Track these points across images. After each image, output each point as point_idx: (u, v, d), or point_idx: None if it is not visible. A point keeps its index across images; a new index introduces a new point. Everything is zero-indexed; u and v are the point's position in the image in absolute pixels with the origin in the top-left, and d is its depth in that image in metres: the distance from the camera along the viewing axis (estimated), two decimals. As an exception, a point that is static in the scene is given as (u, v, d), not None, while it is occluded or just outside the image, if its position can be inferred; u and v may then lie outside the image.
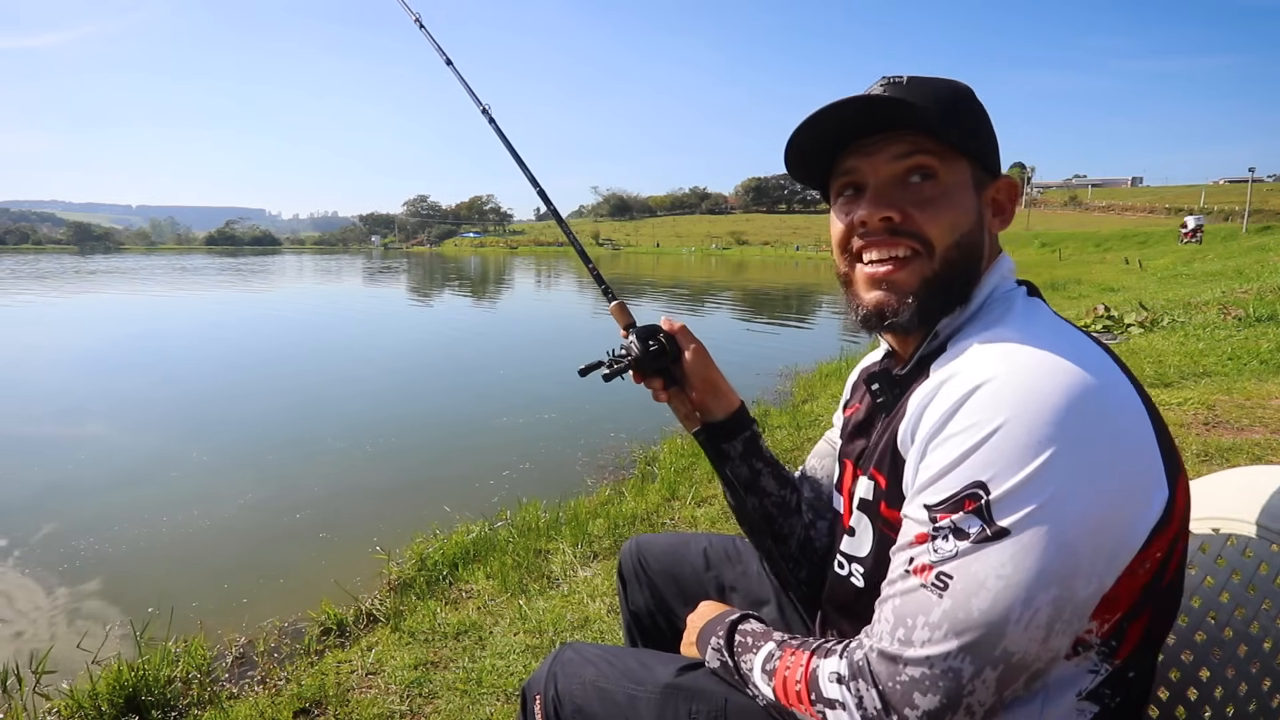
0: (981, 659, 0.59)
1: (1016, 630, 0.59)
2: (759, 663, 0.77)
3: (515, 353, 10.35)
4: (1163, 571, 0.65)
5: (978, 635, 0.59)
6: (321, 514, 3.97)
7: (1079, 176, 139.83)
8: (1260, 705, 0.84)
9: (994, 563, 0.59)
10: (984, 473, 0.60)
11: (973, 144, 0.74)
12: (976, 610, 0.59)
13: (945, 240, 0.73)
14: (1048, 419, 0.59)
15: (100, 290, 23.30)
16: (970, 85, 0.76)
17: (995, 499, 0.59)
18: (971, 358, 0.66)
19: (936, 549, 0.61)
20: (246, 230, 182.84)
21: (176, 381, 8.08)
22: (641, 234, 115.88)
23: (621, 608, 1.22)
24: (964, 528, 0.60)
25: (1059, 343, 0.65)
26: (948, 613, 0.60)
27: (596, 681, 0.90)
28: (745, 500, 1.02)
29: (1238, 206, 51.17)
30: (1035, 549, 0.58)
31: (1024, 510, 0.58)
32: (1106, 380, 0.62)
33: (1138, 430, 0.63)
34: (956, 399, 0.63)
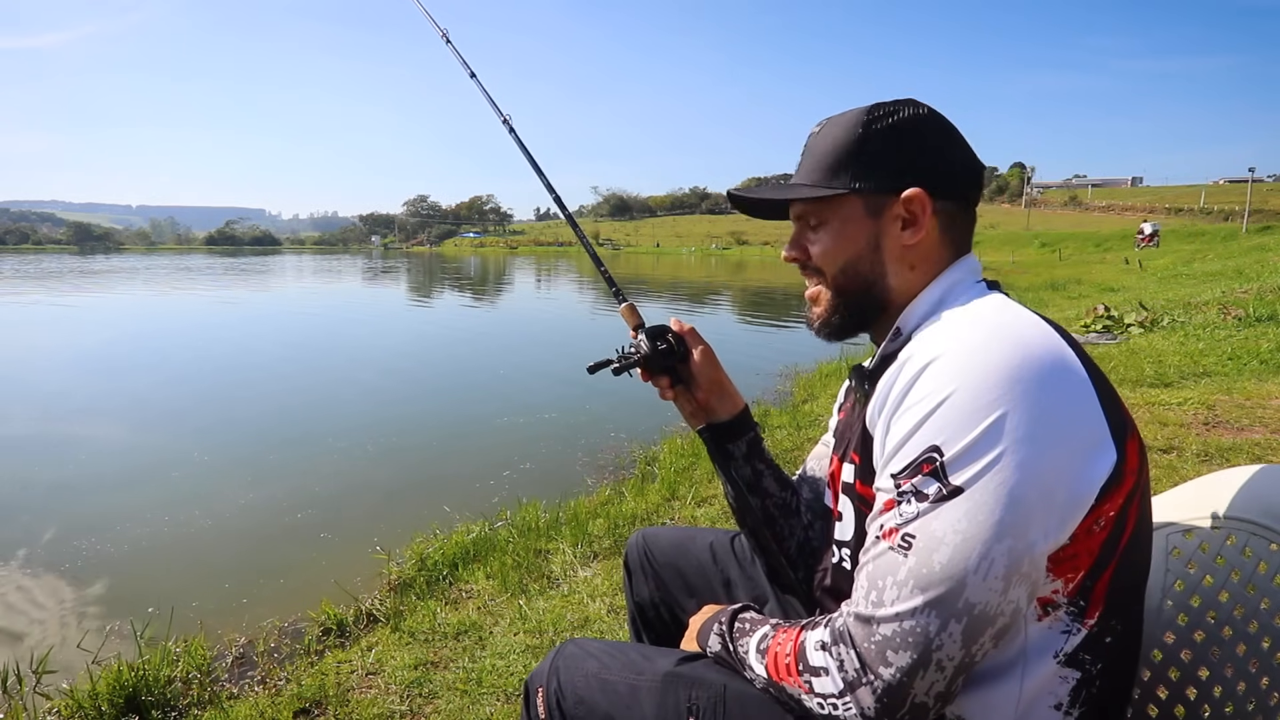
0: (946, 613, 0.62)
1: (975, 581, 0.62)
2: (754, 643, 0.81)
3: (515, 353, 10.35)
4: (1120, 528, 0.68)
5: (940, 590, 0.62)
6: (322, 514, 3.97)
7: (1079, 176, 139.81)
8: (1259, 704, 0.84)
9: (950, 519, 0.63)
10: (938, 437, 0.64)
11: (862, 182, 0.82)
12: (937, 565, 0.63)
13: (832, 270, 0.85)
14: (993, 383, 0.64)
15: (104, 291, 23.31)
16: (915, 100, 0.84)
17: (949, 459, 0.64)
18: (925, 340, 0.72)
19: (901, 513, 0.66)
20: (246, 230, 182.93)
21: (178, 381, 8.08)
22: (641, 234, 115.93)
23: (626, 599, 1.24)
24: (923, 489, 0.64)
25: (1002, 318, 0.71)
26: (912, 570, 0.64)
27: (599, 673, 0.91)
28: (748, 500, 1.04)
29: (1238, 206, 51.15)
30: (987, 503, 0.62)
31: (975, 468, 0.63)
32: (1047, 348, 0.68)
33: (1079, 393, 0.67)
34: (912, 375, 0.69)
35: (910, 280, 0.83)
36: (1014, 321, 0.70)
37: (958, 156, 0.83)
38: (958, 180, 0.82)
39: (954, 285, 0.81)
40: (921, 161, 0.81)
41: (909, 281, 0.83)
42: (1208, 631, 0.89)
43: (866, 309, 0.85)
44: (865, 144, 0.82)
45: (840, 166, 0.83)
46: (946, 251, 0.83)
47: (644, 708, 0.86)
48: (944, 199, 0.81)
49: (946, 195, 0.81)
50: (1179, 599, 0.92)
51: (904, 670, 0.63)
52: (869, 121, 0.82)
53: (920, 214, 0.80)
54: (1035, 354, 0.66)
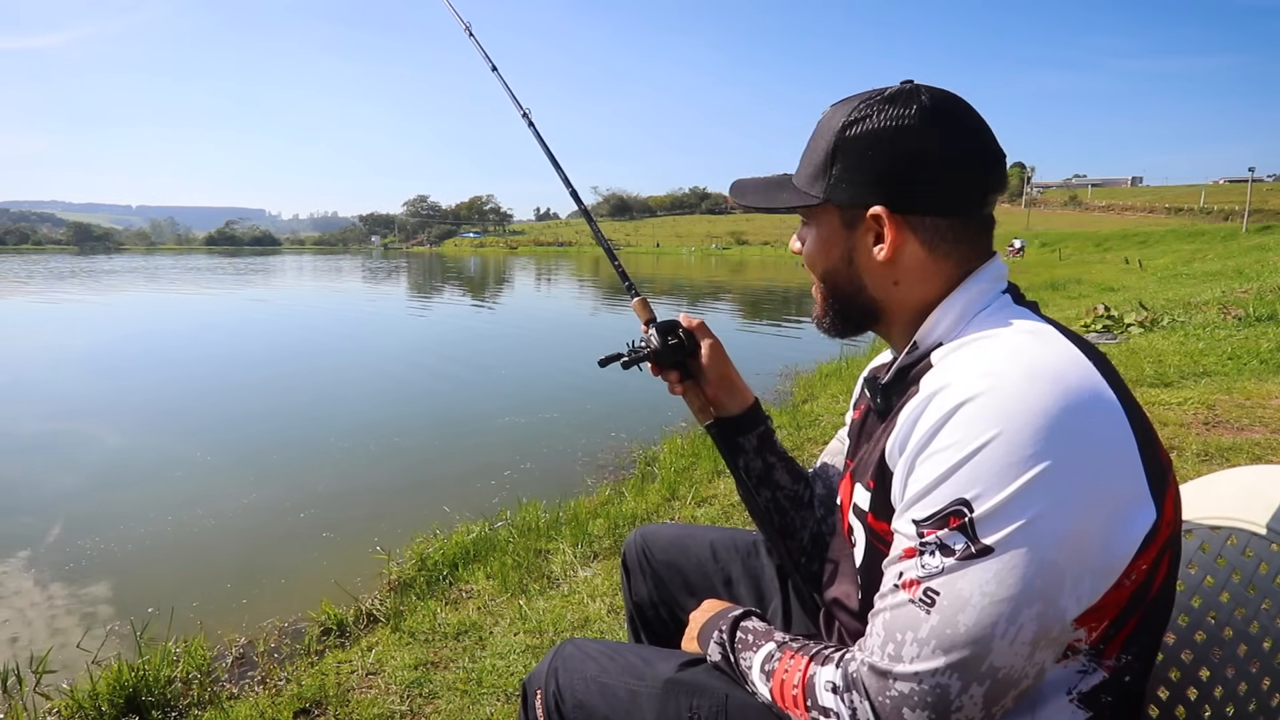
0: (968, 675, 0.60)
1: (1002, 646, 0.60)
2: (758, 661, 0.79)
3: (516, 353, 10.35)
4: (1150, 581, 0.66)
5: (965, 652, 0.60)
6: (322, 514, 3.97)
7: (1079, 176, 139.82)
8: (1260, 705, 0.84)
9: (979, 580, 0.60)
10: (968, 490, 0.61)
11: (834, 194, 0.79)
12: (963, 627, 0.60)
13: (817, 274, 0.85)
14: (1031, 436, 0.60)
15: (108, 291, 23.30)
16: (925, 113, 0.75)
17: (979, 516, 0.60)
18: (957, 372, 0.67)
19: (924, 565, 0.63)
20: (246, 230, 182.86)
21: (181, 381, 8.08)
22: (641, 234, 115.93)
23: (624, 598, 1.22)
24: (949, 544, 0.61)
25: (1044, 356, 0.65)
26: (935, 629, 0.61)
27: (598, 677, 0.90)
28: (758, 494, 1.04)
29: (1238, 206, 51.13)
30: (1019, 567, 0.59)
31: (1008, 528, 0.59)
32: (1090, 395, 0.63)
33: (1121, 446, 0.63)
34: (943, 414, 0.64)
35: (899, 295, 0.79)
36: (1054, 358, 0.65)
37: (942, 169, 0.74)
38: (937, 195, 0.75)
39: (975, 299, 0.75)
40: (893, 176, 0.75)
41: (897, 296, 0.79)
42: (1209, 632, 0.89)
43: (855, 314, 0.83)
44: (838, 152, 0.78)
45: (819, 172, 0.80)
46: (942, 264, 0.77)
47: (644, 715, 0.85)
48: (921, 214, 0.75)
49: (925, 211, 0.75)
50: (1180, 600, 0.92)
51: None
52: (848, 125, 0.77)
53: (885, 232, 0.76)
54: (1077, 400, 0.62)
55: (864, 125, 0.76)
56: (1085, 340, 0.71)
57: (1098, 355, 0.68)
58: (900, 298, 0.79)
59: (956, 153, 0.75)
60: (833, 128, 0.79)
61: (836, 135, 0.78)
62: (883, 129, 0.75)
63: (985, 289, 0.76)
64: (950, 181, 0.75)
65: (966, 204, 0.76)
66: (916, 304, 0.78)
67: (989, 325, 0.72)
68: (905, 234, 0.76)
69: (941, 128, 0.75)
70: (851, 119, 0.77)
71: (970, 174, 0.76)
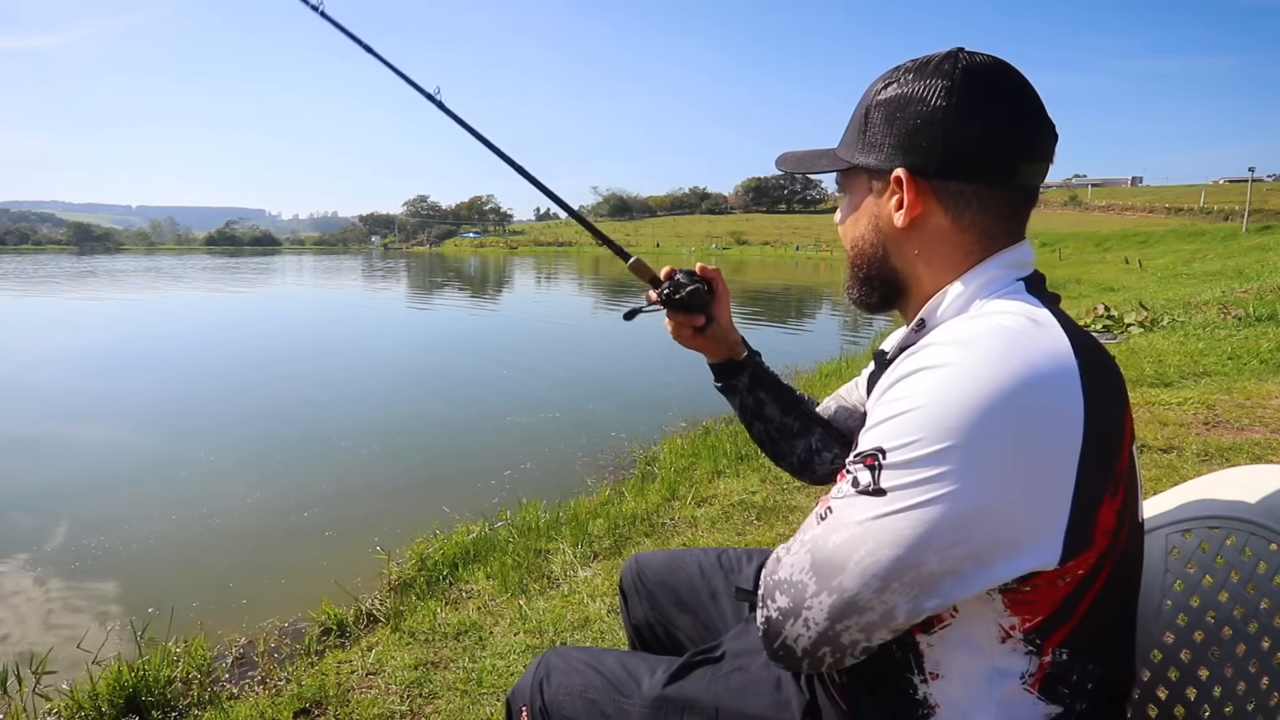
0: (821, 582, 0.68)
1: (853, 570, 0.66)
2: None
3: (516, 353, 10.35)
4: (1085, 587, 0.66)
5: (823, 560, 0.68)
6: (323, 514, 3.98)
7: (1079, 176, 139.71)
8: (1259, 704, 0.84)
9: (860, 510, 0.66)
10: (889, 440, 0.65)
11: (864, 156, 0.79)
12: (831, 542, 0.67)
13: (848, 241, 0.85)
14: (968, 412, 0.61)
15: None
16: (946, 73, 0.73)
17: (887, 463, 0.65)
18: (936, 341, 0.69)
19: (838, 489, 0.69)
20: (246, 231, 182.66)
21: (183, 381, 8.08)
22: (642, 234, 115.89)
23: (624, 623, 1.26)
24: (858, 478, 0.67)
25: (1024, 344, 0.64)
26: (815, 537, 0.69)
27: (585, 692, 0.91)
28: (751, 426, 1.15)
29: (1238, 206, 51.11)
30: (897, 513, 0.64)
31: (902, 481, 0.64)
32: (1051, 395, 0.62)
33: (1058, 454, 0.62)
34: (903, 373, 0.68)
35: (920, 269, 0.77)
36: (1033, 350, 0.63)
37: (973, 133, 0.71)
38: (966, 160, 0.71)
39: (987, 284, 0.73)
40: (915, 137, 0.73)
41: (917, 269, 0.78)
42: (1207, 631, 0.89)
43: (879, 284, 0.82)
44: (870, 116, 0.77)
45: (855, 138, 0.80)
46: (967, 236, 0.74)
47: None
48: (946, 180, 0.72)
49: (948, 174, 0.72)
50: (1179, 599, 0.92)
51: (780, 611, 0.71)
52: (878, 93, 0.77)
53: (906, 196, 0.74)
54: (1033, 396, 0.61)
55: (895, 88, 0.75)
56: (1092, 342, 0.68)
57: (1096, 359, 0.66)
58: (920, 272, 0.78)
59: (984, 114, 0.71)
60: (870, 93, 0.79)
61: (871, 100, 0.78)
62: (911, 91, 0.74)
63: (999, 275, 0.74)
64: (976, 144, 0.71)
65: (994, 170, 0.72)
66: (936, 280, 0.77)
67: (991, 304, 0.72)
68: (927, 199, 0.74)
69: (972, 89, 0.71)
70: (886, 83, 0.77)
71: (999, 137, 0.71)
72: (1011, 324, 0.66)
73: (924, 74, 0.73)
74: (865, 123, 0.78)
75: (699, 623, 1.15)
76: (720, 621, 1.13)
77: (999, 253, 0.74)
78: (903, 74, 0.75)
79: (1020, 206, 0.75)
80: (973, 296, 0.74)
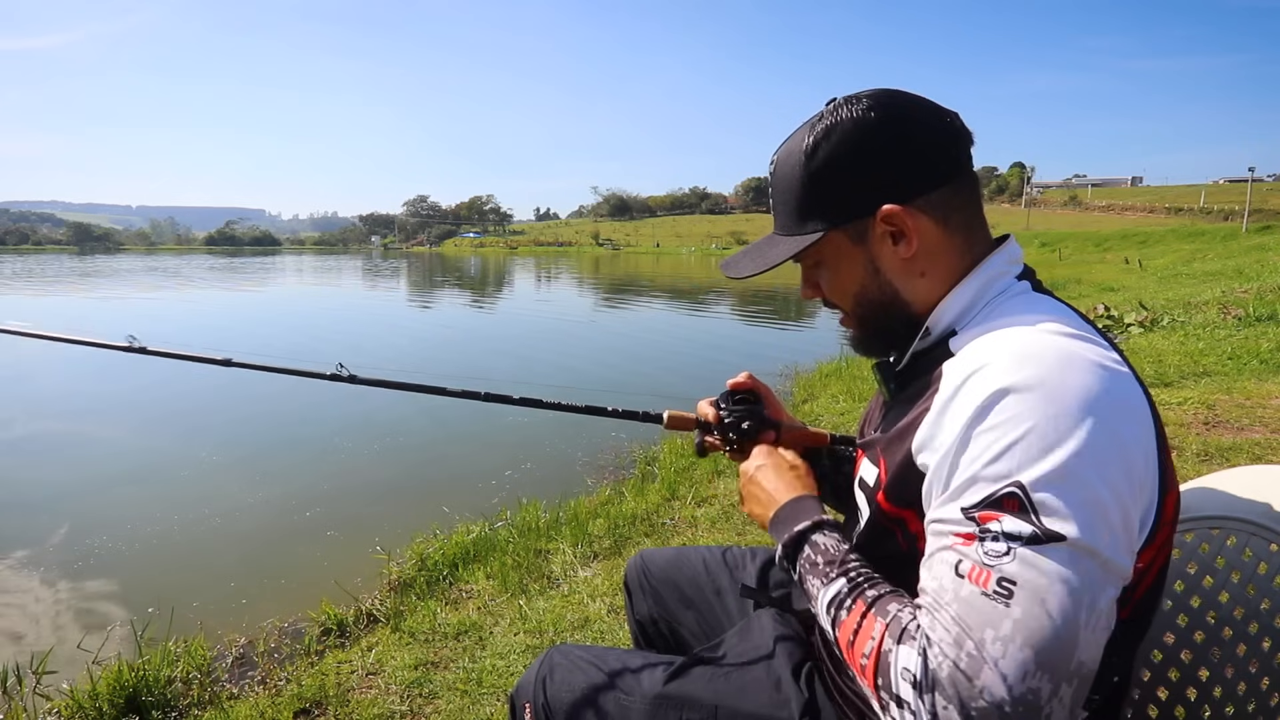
0: (1058, 675, 0.56)
1: (1086, 637, 0.57)
2: (825, 599, 0.73)
3: (517, 353, 10.34)
4: (1141, 580, 0.66)
5: (1053, 649, 0.56)
6: (323, 514, 3.98)
7: (1079, 176, 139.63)
8: (1259, 704, 0.84)
9: (1056, 568, 0.57)
10: (1020, 473, 0.59)
11: (833, 219, 0.78)
12: (1049, 619, 0.56)
13: (847, 304, 0.83)
14: (1077, 420, 0.59)
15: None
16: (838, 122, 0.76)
17: (1039, 501, 0.58)
18: (990, 359, 0.65)
19: (988, 551, 0.59)
20: (246, 231, 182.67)
21: (184, 380, 8.07)
22: (641, 234, 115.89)
23: (629, 619, 1.27)
24: (1014, 530, 0.59)
25: (1076, 342, 0.65)
26: (1019, 623, 0.57)
27: (585, 689, 0.92)
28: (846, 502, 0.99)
29: (1238, 206, 51.10)
30: (1090, 552, 0.57)
31: (1070, 512, 0.58)
32: (1125, 383, 0.64)
33: (1148, 439, 0.63)
34: (982, 401, 0.63)
35: (927, 287, 0.78)
36: (1086, 345, 0.65)
37: (920, 142, 0.75)
38: (930, 168, 0.75)
39: (989, 284, 0.75)
40: (882, 174, 0.75)
41: (925, 289, 0.78)
42: (1208, 632, 0.89)
43: (894, 327, 0.81)
44: (818, 182, 0.77)
45: (806, 210, 0.79)
46: (956, 239, 0.77)
47: None
48: (923, 195, 0.75)
49: (924, 190, 0.75)
50: (1179, 599, 0.92)
51: None
52: (811, 156, 0.77)
53: (902, 227, 0.75)
54: (1114, 386, 0.62)
55: (828, 144, 0.76)
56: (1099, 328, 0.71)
57: (1115, 345, 0.69)
58: (927, 289, 0.78)
59: (919, 119, 0.76)
60: (795, 164, 0.79)
61: (803, 167, 0.78)
62: (844, 136, 0.75)
63: (998, 274, 0.76)
64: (930, 148, 0.75)
65: (951, 164, 0.76)
66: (936, 290, 0.77)
67: (1013, 311, 0.72)
68: (919, 218, 0.75)
69: (893, 106, 0.75)
70: (809, 148, 0.77)
71: (939, 132, 0.76)
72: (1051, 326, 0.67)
73: (841, 116, 0.76)
74: (811, 188, 0.78)
75: (702, 619, 1.15)
76: (724, 618, 1.13)
77: (989, 257, 0.77)
78: (819, 130, 0.77)
79: (978, 190, 0.79)
80: (977, 299, 0.75)
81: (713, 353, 10.08)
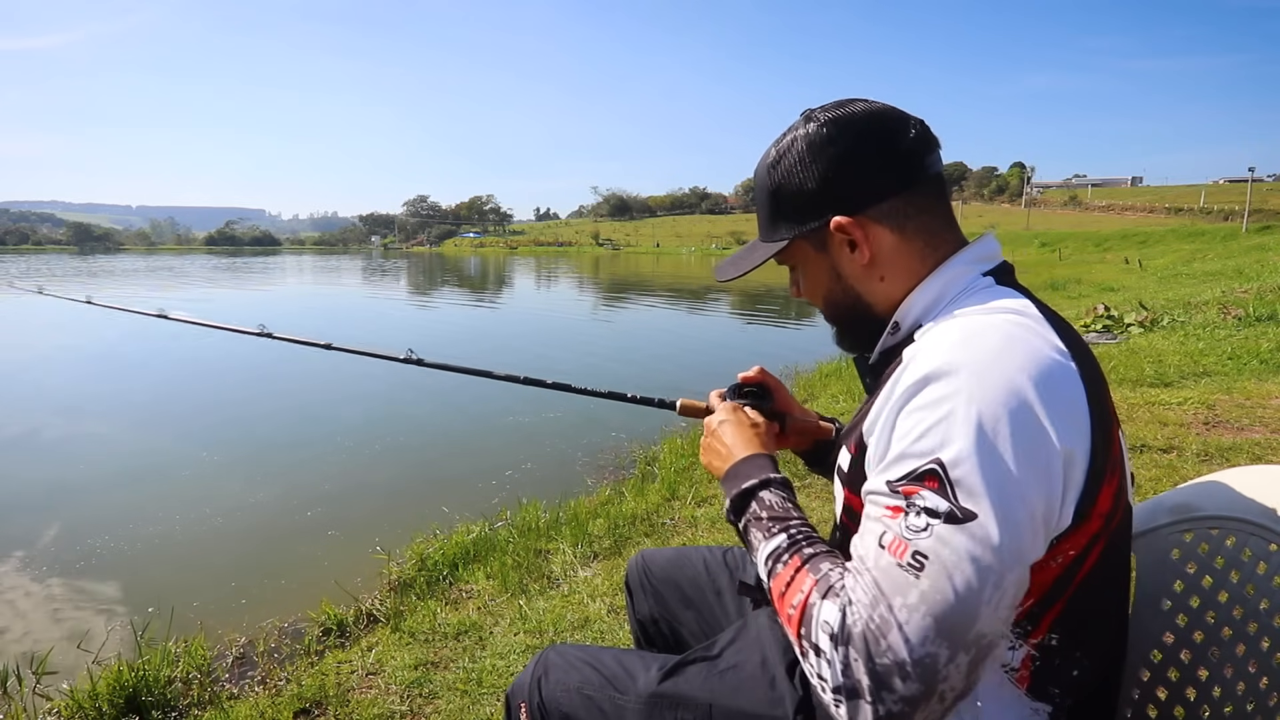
0: (956, 644, 0.60)
1: (988, 612, 0.61)
2: (765, 552, 0.77)
3: (517, 353, 10.35)
4: (1076, 567, 0.68)
5: (954, 620, 0.60)
6: (323, 514, 3.98)
7: (1079, 176, 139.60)
8: (1258, 705, 0.84)
9: (965, 544, 0.61)
10: (941, 450, 0.62)
11: (795, 227, 0.82)
12: (952, 593, 0.60)
13: (818, 304, 0.89)
14: (1002, 404, 0.62)
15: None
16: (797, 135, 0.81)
17: (956, 478, 0.62)
18: (933, 344, 0.69)
19: (909, 525, 0.63)
20: (246, 230, 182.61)
21: (184, 380, 8.08)
22: (641, 234, 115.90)
23: (629, 619, 1.28)
24: (933, 506, 0.62)
25: (1018, 330, 0.68)
26: (925, 595, 0.61)
27: (581, 688, 0.93)
28: None
29: (1238, 206, 51.09)
30: (1001, 530, 0.60)
31: (985, 492, 0.61)
32: (1059, 372, 0.65)
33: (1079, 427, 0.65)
34: (915, 381, 0.66)
35: (886, 290, 0.81)
36: (1027, 333, 0.67)
37: (871, 156, 0.78)
38: (881, 180, 0.77)
39: (953, 280, 0.78)
40: (835, 187, 0.78)
41: (886, 291, 0.81)
42: (1207, 632, 0.89)
43: (866, 324, 0.84)
44: (779, 192, 0.82)
45: (775, 217, 0.85)
46: (915, 243, 0.79)
47: None
48: (876, 205, 0.77)
49: (874, 201, 0.77)
50: (1178, 599, 0.92)
51: (907, 700, 0.61)
52: (772, 167, 0.83)
53: (854, 235, 0.78)
54: (1045, 374, 0.64)
55: (784, 158, 0.81)
56: (1070, 330, 0.72)
57: (1080, 348, 0.70)
58: (888, 291, 0.81)
59: (873, 132, 0.78)
60: (764, 175, 0.84)
61: (768, 179, 0.83)
62: (799, 150, 0.80)
63: (962, 271, 0.78)
64: (880, 160, 0.78)
65: (906, 173, 0.78)
66: (901, 294, 0.80)
67: (969, 304, 0.74)
68: (871, 227, 0.78)
69: (849, 121, 0.79)
70: (773, 160, 0.83)
71: (893, 144, 0.78)
72: (998, 315, 0.70)
73: (795, 133, 0.81)
74: (776, 198, 0.83)
75: (703, 619, 1.16)
76: (723, 618, 1.14)
77: (955, 255, 0.79)
78: (779, 145, 0.82)
79: (942, 195, 0.81)
80: (941, 295, 0.78)
81: (714, 351, 10.09)
